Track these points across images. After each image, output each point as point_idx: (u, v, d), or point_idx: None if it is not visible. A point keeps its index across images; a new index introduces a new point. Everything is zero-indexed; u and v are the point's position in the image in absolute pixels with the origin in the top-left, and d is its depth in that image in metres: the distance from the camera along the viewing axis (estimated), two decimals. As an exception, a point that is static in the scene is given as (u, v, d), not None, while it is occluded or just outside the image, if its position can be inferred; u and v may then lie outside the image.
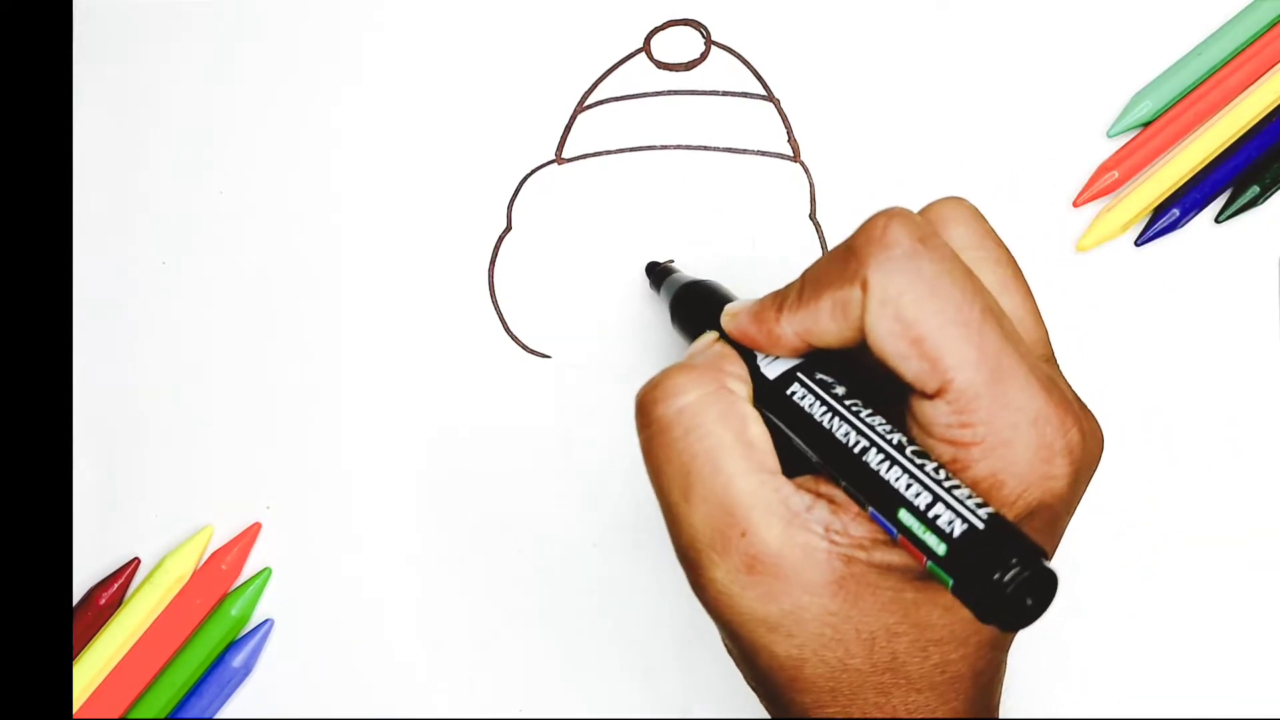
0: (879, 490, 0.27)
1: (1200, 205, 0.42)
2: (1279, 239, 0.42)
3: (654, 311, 0.43)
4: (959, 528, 0.25)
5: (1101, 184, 0.43)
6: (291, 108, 0.45)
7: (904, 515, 0.26)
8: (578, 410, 0.43)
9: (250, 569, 0.43)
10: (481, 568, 0.42)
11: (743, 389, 0.30)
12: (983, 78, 0.44)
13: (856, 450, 0.28)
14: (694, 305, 0.36)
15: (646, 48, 0.44)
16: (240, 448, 0.43)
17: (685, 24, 0.44)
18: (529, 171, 0.44)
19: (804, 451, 0.29)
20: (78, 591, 0.43)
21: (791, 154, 0.44)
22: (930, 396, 0.27)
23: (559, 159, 0.44)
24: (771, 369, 0.30)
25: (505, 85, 0.44)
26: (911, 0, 0.44)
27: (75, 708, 0.41)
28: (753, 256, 0.43)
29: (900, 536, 0.27)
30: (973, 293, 0.27)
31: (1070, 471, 0.28)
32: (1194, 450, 0.42)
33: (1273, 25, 0.43)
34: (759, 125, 0.44)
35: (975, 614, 0.25)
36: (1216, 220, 0.43)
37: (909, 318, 0.27)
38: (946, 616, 0.28)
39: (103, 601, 0.42)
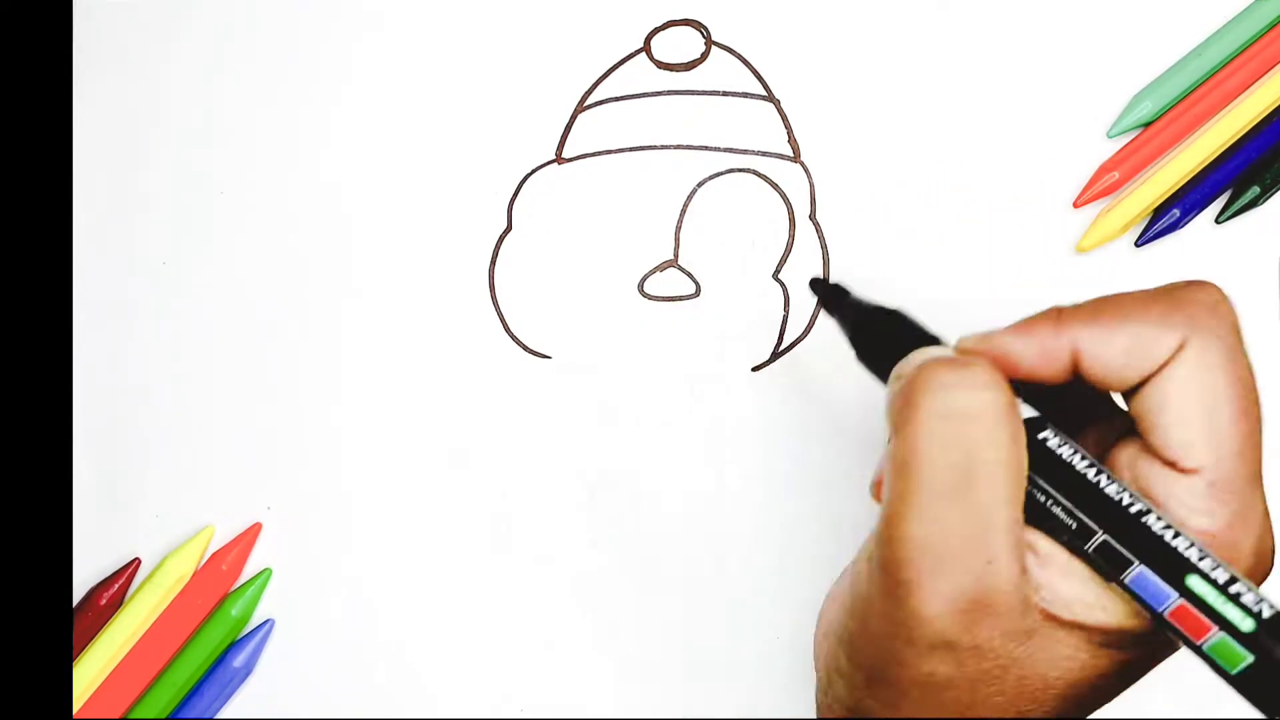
0: (1162, 553, 0.26)
1: (1200, 206, 0.42)
2: (1279, 239, 0.42)
3: (654, 311, 0.43)
4: (1267, 610, 0.25)
5: (1102, 185, 0.43)
6: (292, 108, 0.45)
7: (1195, 582, 0.25)
8: (577, 410, 0.43)
9: (251, 569, 0.43)
10: (481, 567, 0.42)
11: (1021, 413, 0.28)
12: (983, 78, 0.44)
13: (1133, 510, 0.27)
14: (893, 335, 0.31)
15: (647, 48, 0.44)
16: (241, 448, 0.43)
17: (685, 24, 0.44)
18: (529, 171, 0.44)
19: (1050, 504, 0.27)
20: (78, 592, 0.43)
21: (792, 154, 0.44)
22: (1179, 469, 0.27)
23: (559, 159, 0.44)
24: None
25: (505, 85, 0.44)
26: (912, 0, 0.44)
27: (76, 708, 0.41)
28: (753, 256, 0.43)
29: (1179, 606, 0.26)
30: (1258, 402, 0.27)
31: (1259, 581, 0.28)
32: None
33: (1273, 26, 0.43)
34: (759, 125, 0.44)
35: (1260, 707, 0.25)
36: (1217, 221, 0.42)
37: (1216, 390, 0.27)
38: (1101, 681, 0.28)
39: (103, 602, 0.42)
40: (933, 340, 0.31)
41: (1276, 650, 0.25)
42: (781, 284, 0.43)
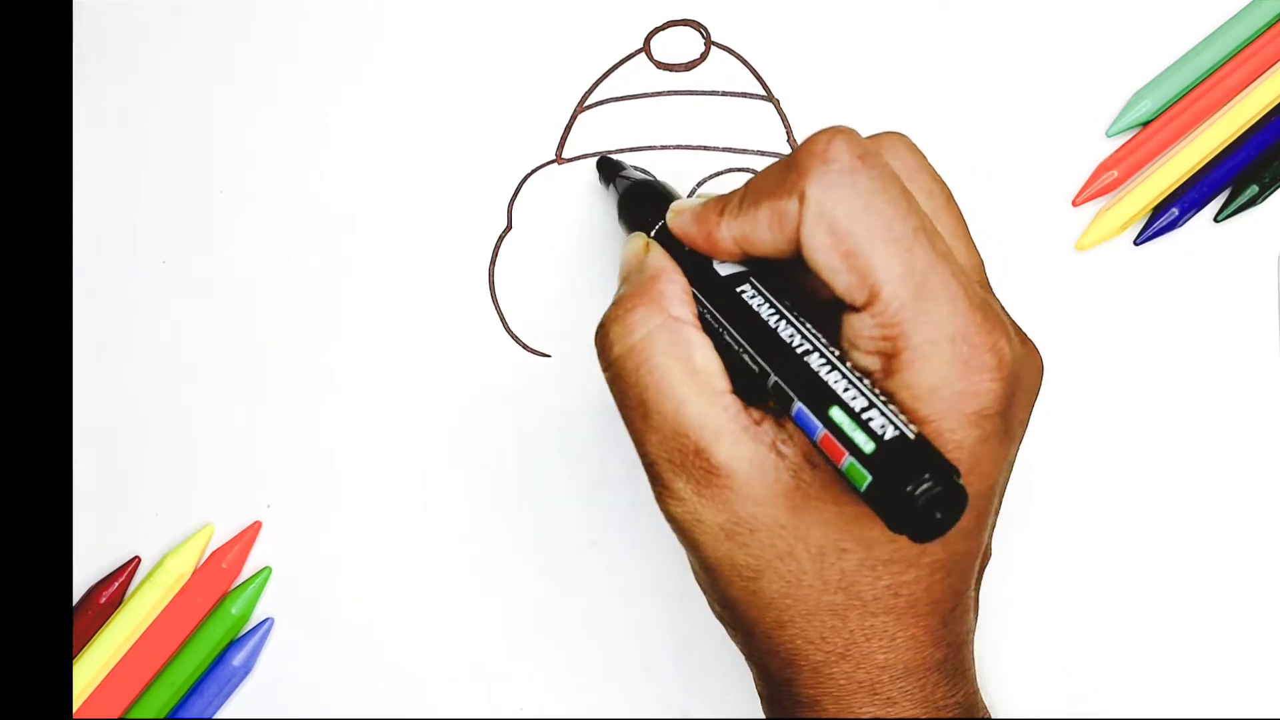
0: (814, 388, 0.28)
1: (1199, 204, 0.42)
2: (1278, 238, 0.42)
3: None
4: (890, 432, 0.26)
5: (1100, 183, 0.43)
6: (291, 107, 0.45)
7: (836, 412, 0.27)
8: (577, 409, 0.43)
9: (250, 568, 0.43)
10: (480, 567, 0.42)
11: (685, 308, 0.31)
12: (982, 77, 0.44)
13: (799, 351, 0.29)
14: (641, 203, 0.37)
15: (646, 48, 0.44)
16: (240, 447, 0.43)
17: (685, 24, 0.44)
18: (529, 171, 0.44)
19: (741, 352, 0.30)
20: (78, 590, 0.43)
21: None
22: (858, 309, 0.28)
23: (559, 159, 0.44)
24: (724, 268, 0.31)
25: (505, 85, 0.44)
26: (912, 0, 0.44)
27: (75, 707, 0.41)
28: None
29: (824, 435, 0.27)
30: (906, 211, 0.29)
31: (997, 388, 0.28)
32: (1193, 450, 0.42)
33: (1272, 24, 0.43)
34: (759, 125, 0.44)
35: (886, 523, 0.26)
36: (1216, 219, 0.43)
37: (842, 230, 0.28)
38: (891, 535, 0.29)
39: (103, 600, 0.42)
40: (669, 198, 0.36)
41: (883, 472, 0.26)
42: (781, 283, 0.43)
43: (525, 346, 0.43)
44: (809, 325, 0.29)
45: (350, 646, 0.42)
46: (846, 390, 0.28)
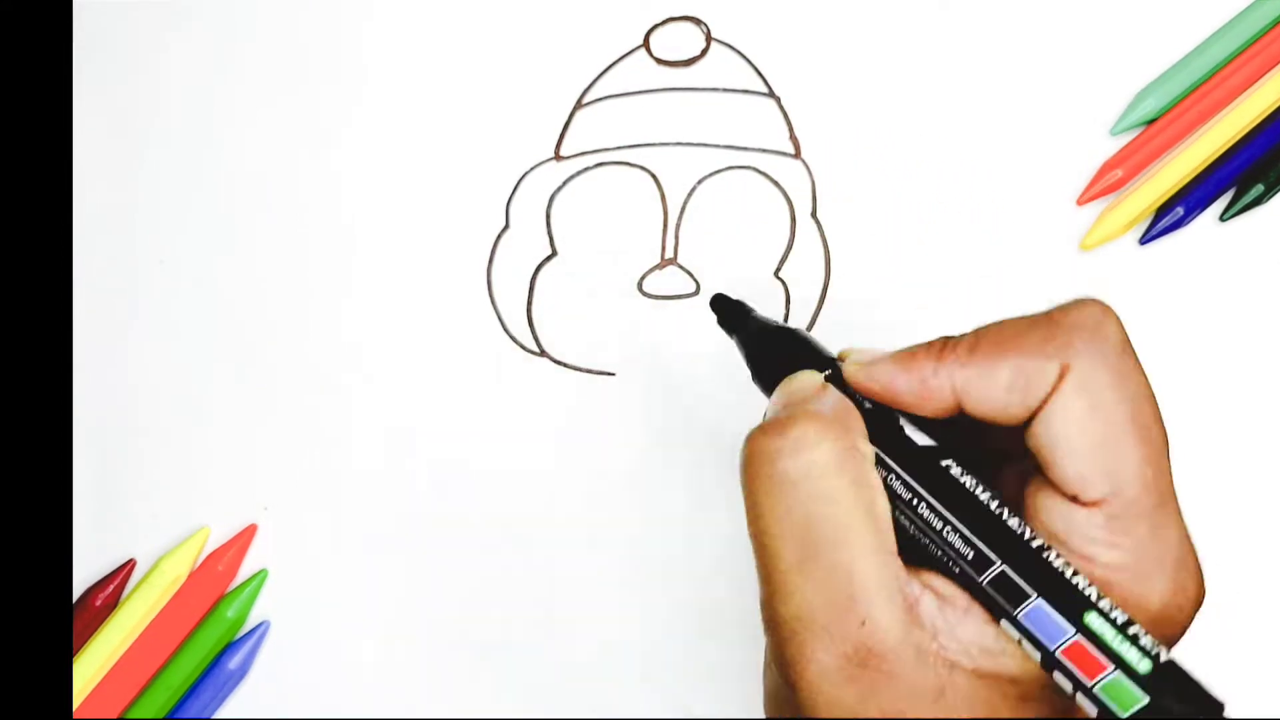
0: (1061, 588, 0.25)
1: (1204, 203, 0.42)
2: (1284, 237, 0.42)
3: (651, 311, 0.43)
4: (1163, 654, 0.24)
5: (1105, 182, 0.42)
6: (290, 106, 0.45)
7: (1094, 620, 0.25)
8: (576, 409, 0.42)
9: (246, 570, 0.43)
10: (478, 568, 0.42)
11: (868, 449, 0.27)
12: (985, 75, 0.43)
13: (1034, 544, 0.26)
14: (785, 353, 0.31)
15: (646, 44, 0.44)
16: (237, 449, 0.43)
17: (685, 20, 0.44)
18: (527, 169, 0.44)
19: (935, 536, 0.27)
20: (74, 593, 0.42)
21: (793, 151, 0.43)
22: (1081, 502, 0.26)
23: (558, 156, 0.44)
24: (917, 435, 0.28)
25: (504, 82, 0.44)
26: (913, -2, 0.44)
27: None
28: (753, 255, 0.43)
29: (1074, 643, 0.25)
30: (1158, 417, 0.26)
31: (1186, 621, 0.26)
32: (1199, 449, 0.41)
33: (1276, 23, 0.43)
34: (760, 122, 0.44)
35: None
36: (1221, 218, 0.42)
37: (1105, 414, 0.25)
38: None
39: (99, 603, 0.42)
40: (827, 360, 0.30)
41: (1168, 693, 0.24)
42: (782, 282, 0.43)
43: (523, 346, 0.43)
44: (1022, 516, 0.26)
45: (346, 648, 0.42)
46: (1101, 600, 0.25)
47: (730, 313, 0.34)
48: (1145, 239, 0.42)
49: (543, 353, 0.43)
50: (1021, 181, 0.43)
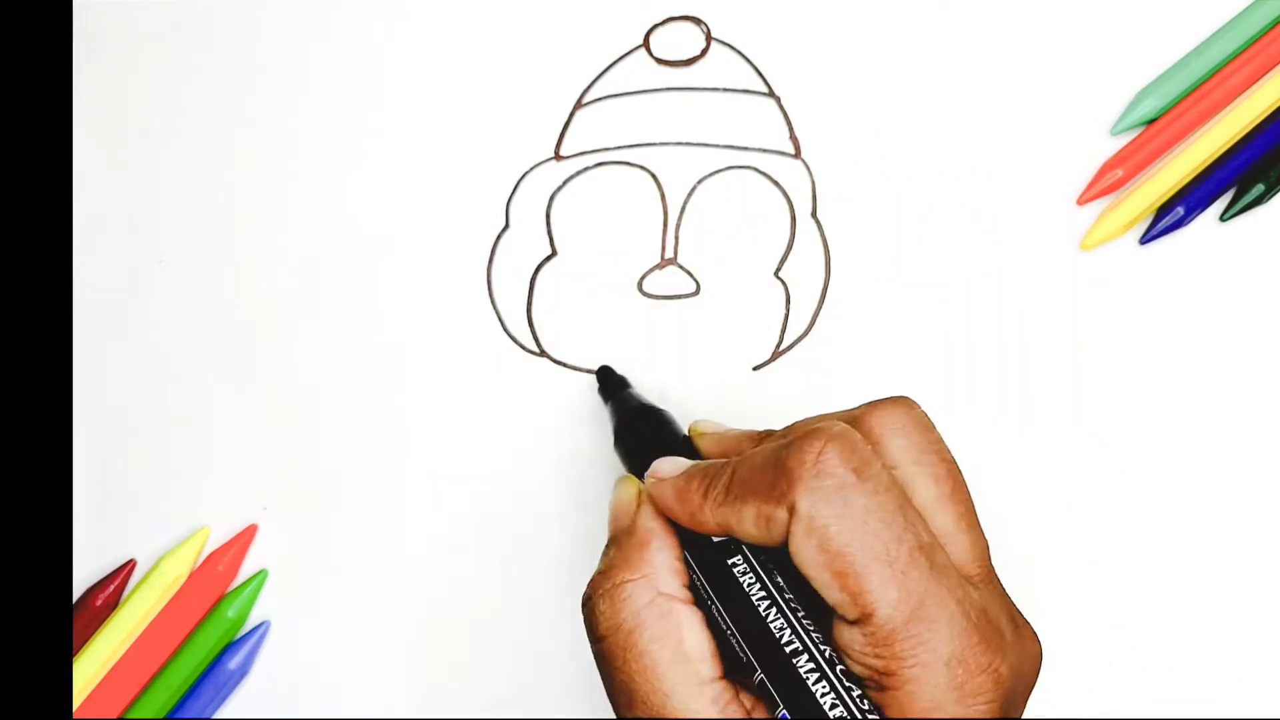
0: (800, 698, 0.27)
1: (1205, 203, 0.42)
2: (1285, 237, 0.42)
3: (653, 310, 0.43)
4: None
5: (1105, 182, 0.42)
6: (290, 106, 0.45)
7: None
8: (575, 409, 0.42)
9: (246, 571, 0.43)
10: (478, 568, 0.42)
11: (675, 580, 0.30)
12: (985, 75, 0.43)
13: (789, 650, 0.28)
14: (638, 435, 0.36)
15: (646, 44, 0.44)
16: (237, 449, 0.43)
17: (685, 20, 0.44)
18: (527, 169, 0.44)
19: (728, 633, 0.29)
20: (74, 593, 0.42)
21: (793, 151, 0.43)
22: (848, 622, 0.28)
23: (558, 156, 0.44)
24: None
25: (503, 82, 0.44)
26: (913, -2, 0.44)
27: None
28: (754, 255, 0.43)
29: None
30: (903, 529, 0.28)
31: (993, 705, 0.27)
32: (1198, 449, 0.41)
33: (1276, 23, 0.43)
34: (760, 122, 0.44)
35: None
36: (1221, 218, 0.42)
37: (834, 550, 0.27)
38: None
39: (99, 603, 0.42)
40: (676, 442, 0.35)
41: None
42: (782, 282, 0.43)
43: (522, 346, 0.43)
44: (800, 612, 0.29)
45: (347, 648, 0.42)
46: (834, 708, 0.27)
47: (609, 385, 0.40)
48: (1145, 239, 0.42)
49: (543, 353, 0.43)
50: (1021, 181, 0.43)
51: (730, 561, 0.30)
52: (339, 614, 0.42)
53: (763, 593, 0.29)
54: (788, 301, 0.43)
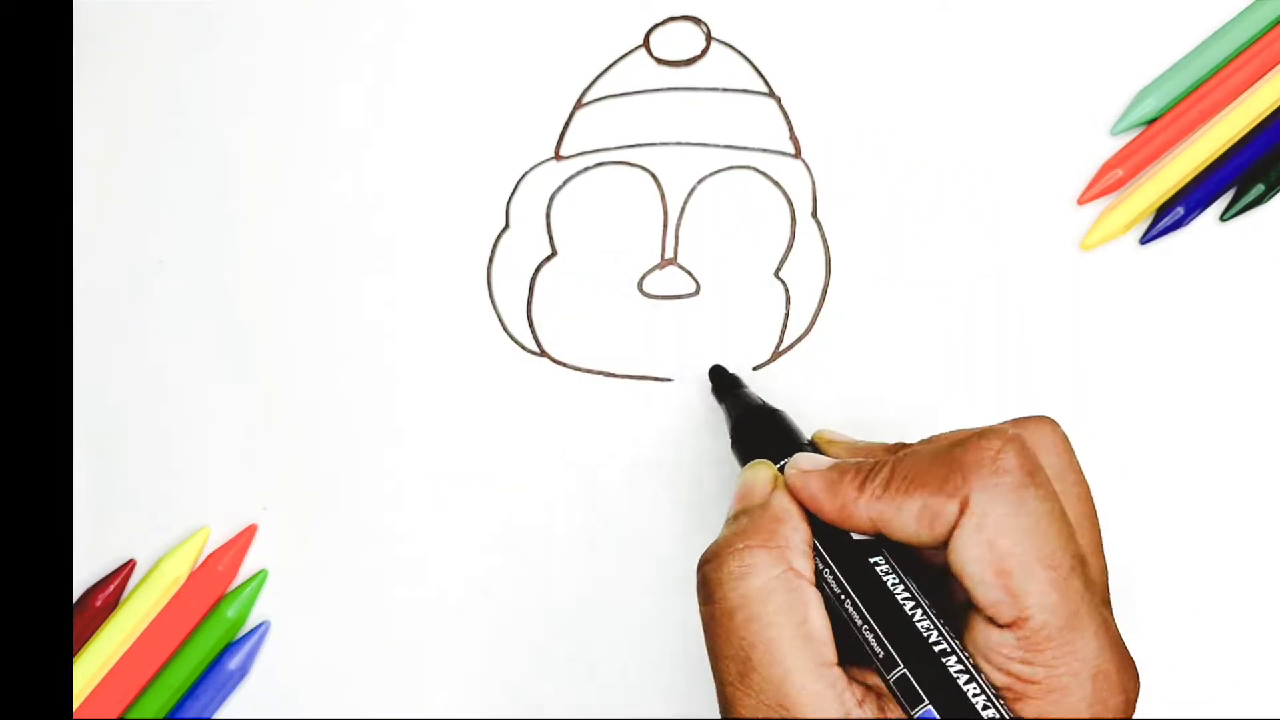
0: (952, 697, 0.27)
1: (1205, 203, 0.42)
2: (1285, 237, 0.42)
3: (653, 310, 0.43)
4: None
5: (1105, 182, 0.42)
6: (288, 105, 0.45)
7: None
8: (575, 410, 0.42)
9: (246, 571, 0.43)
10: (479, 568, 0.42)
11: (806, 562, 0.30)
12: (985, 74, 0.43)
13: (937, 650, 0.28)
14: (763, 435, 0.35)
15: (646, 44, 0.44)
16: (236, 449, 0.43)
17: (686, 20, 0.44)
18: (527, 169, 0.44)
19: (864, 628, 0.29)
20: (74, 593, 0.42)
21: (793, 151, 0.43)
22: (1000, 625, 0.28)
23: (558, 156, 0.44)
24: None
25: (503, 82, 0.44)
26: (913, -2, 0.44)
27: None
28: (754, 255, 0.43)
29: None
30: (1068, 537, 0.28)
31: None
32: (1199, 450, 0.41)
33: (1276, 23, 0.43)
34: (760, 122, 0.44)
35: None
36: (1221, 218, 0.42)
37: (1003, 549, 0.27)
38: None
39: (99, 603, 0.42)
40: (797, 445, 0.34)
41: None
42: (783, 282, 0.43)
43: (522, 346, 0.43)
44: (941, 618, 0.29)
45: (347, 649, 0.42)
46: (986, 709, 0.27)
47: (724, 384, 0.39)
48: (1145, 239, 0.42)
49: (543, 353, 0.43)
50: (1021, 181, 0.43)
51: (872, 560, 0.29)
52: (339, 614, 0.42)
53: (906, 593, 0.29)
54: (788, 301, 0.43)
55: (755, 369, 0.42)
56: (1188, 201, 0.42)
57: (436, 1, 0.45)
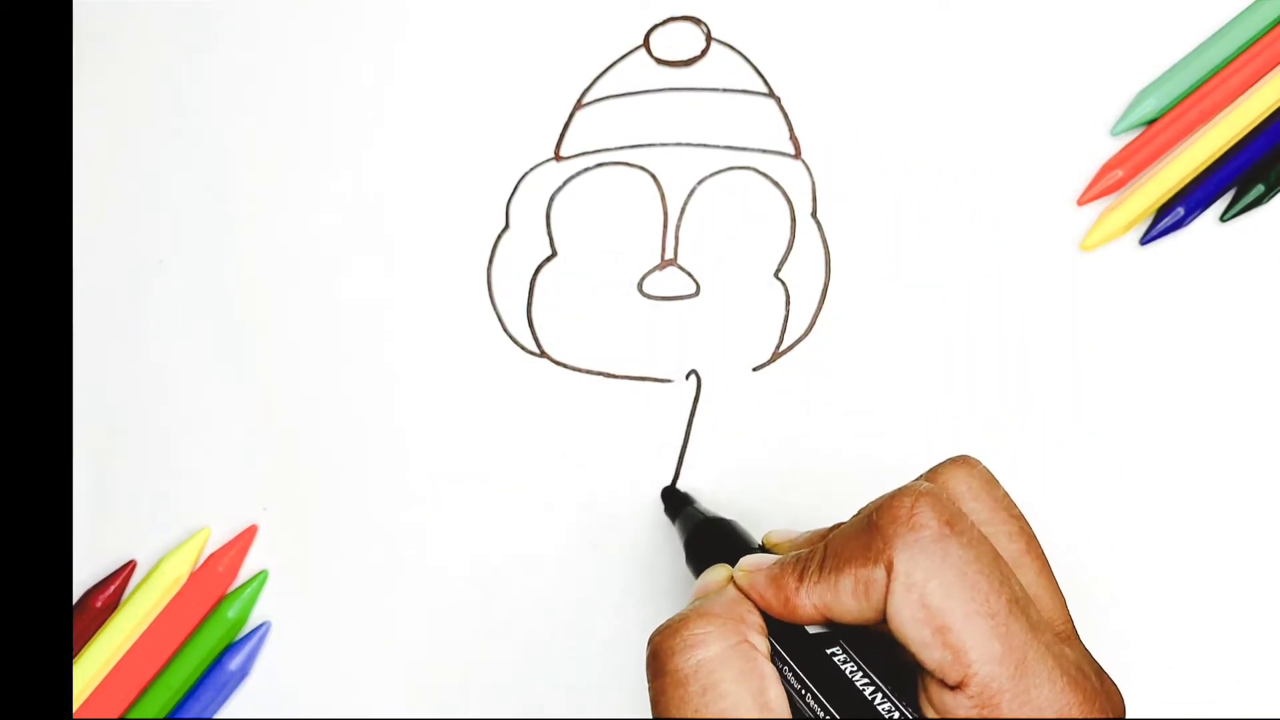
0: None
1: (1205, 204, 0.42)
2: (1285, 237, 0.42)
3: (653, 310, 0.43)
4: None
5: (1105, 182, 0.42)
6: (290, 107, 0.45)
7: None
8: (575, 410, 0.42)
9: (247, 571, 0.43)
10: (479, 568, 0.42)
11: (762, 643, 0.29)
12: (985, 75, 0.43)
13: None
14: (713, 545, 0.36)
15: (646, 44, 0.44)
16: (237, 449, 0.43)
17: (685, 20, 0.44)
18: (527, 169, 0.44)
19: (818, 715, 0.29)
20: (74, 594, 0.42)
21: (793, 151, 0.43)
22: (950, 686, 0.27)
23: (558, 156, 0.44)
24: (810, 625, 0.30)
25: (503, 82, 0.44)
26: (913, -2, 0.44)
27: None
28: (754, 255, 0.43)
29: None
30: (1000, 581, 0.27)
31: None
32: (1199, 449, 0.41)
33: (1276, 23, 0.43)
34: (760, 122, 0.44)
35: None
36: (1221, 219, 0.42)
37: (934, 605, 0.27)
38: None
39: (99, 604, 0.42)
40: (748, 549, 0.34)
41: None
42: (782, 283, 0.43)
43: (522, 346, 0.43)
44: (902, 701, 0.28)
45: (347, 649, 0.42)
46: None
47: (675, 503, 0.40)
48: (1145, 239, 0.42)
49: (543, 353, 0.43)
50: (1021, 181, 0.43)
51: (829, 651, 0.29)
52: (339, 614, 0.42)
53: (865, 679, 0.29)
54: (788, 302, 0.43)
55: (755, 369, 0.42)
56: (1188, 202, 0.42)
57: (436, 1, 0.45)
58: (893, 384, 0.42)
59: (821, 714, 0.29)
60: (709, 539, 0.36)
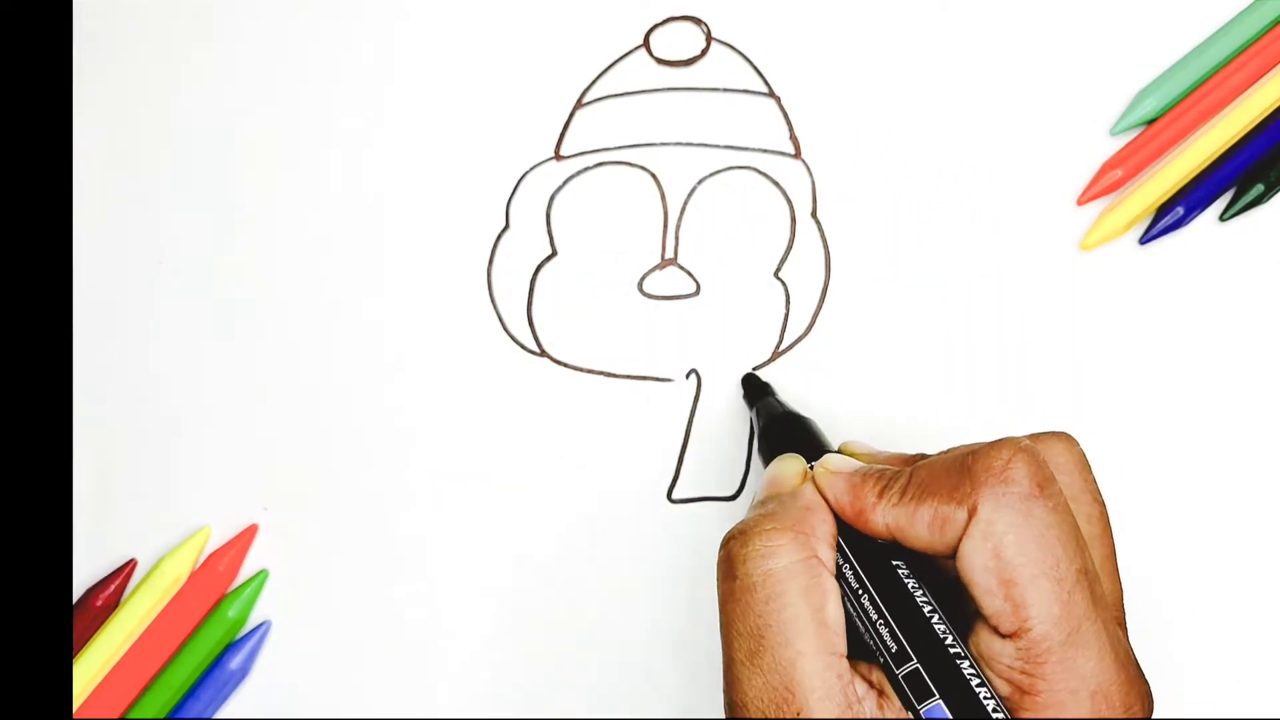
0: (963, 696, 0.27)
1: (1205, 203, 0.42)
2: (1285, 237, 0.42)
3: (653, 310, 0.43)
4: None
5: (1105, 182, 0.42)
6: (289, 107, 0.45)
7: None
8: (575, 410, 0.42)
9: (247, 571, 0.43)
10: (479, 568, 0.42)
11: (829, 555, 0.30)
12: (985, 75, 0.43)
13: (952, 652, 0.28)
14: (787, 437, 0.36)
15: (646, 44, 0.44)
16: (237, 449, 0.43)
17: (686, 20, 0.44)
18: (527, 169, 0.44)
19: (879, 623, 0.29)
20: (74, 593, 0.42)
21: (793, 151, 0.43)
22: (1001, 634, 0.28)
23: (558, 156, 0.44)
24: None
25: (503, 82, 0.44)
26: (913, -2, 0.44)
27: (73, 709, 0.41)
28: (753, 255, 0.43)
29: None
30: (1075, 550, 0.28)
31: None
32: (1199, 450, 0.41)
33: (1276, 23, 0.43)
34: (760, 122, 0.44)
35: None
36: (1221, 218, 0.42)
37: (1007, 558, 0.28)
38: None
39: (99, 603, 0.42)
40: (823, 451, 0.35)
41: None
42: (782, 283, 0.43)
43: (523, 346, 0.43)
44: (951, 625, 0.29)
45: (347, 649, 0.42)
46: (996, 711, 0.27)
47: (755, 391, 0.40)
48: (1145, 239, 0.42)
49: (543, 353, 0.43)
50: (1021, 181, 0.43)
51: (894, 562, 0.30)
52: (339, 614, 0.42)
53: (924, 596, 0.29)
54: (788, 301, 0.43)
55: (755, 369, 0.42)
56: (1188, 201, 0.42)
57: (436, 1, 0.45)
58: (892, 384, 0.42)
59: (874, 615, 0.29)
60: (787, 431, 0.37)
